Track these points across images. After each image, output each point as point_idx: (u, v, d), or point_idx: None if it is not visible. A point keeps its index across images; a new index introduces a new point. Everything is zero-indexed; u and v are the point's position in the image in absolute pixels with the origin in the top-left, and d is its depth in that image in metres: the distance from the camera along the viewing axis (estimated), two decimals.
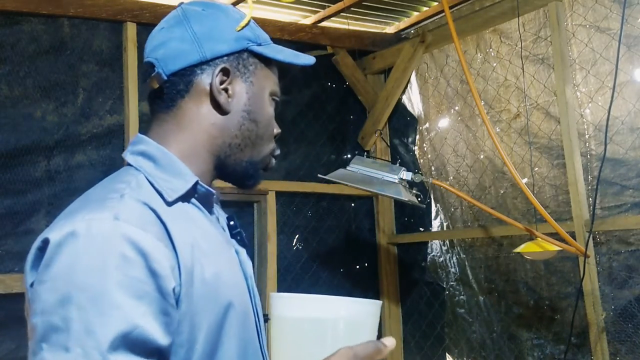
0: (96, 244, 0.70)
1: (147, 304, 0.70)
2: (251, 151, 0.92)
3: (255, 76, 0.92)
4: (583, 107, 2.28)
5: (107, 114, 2.31)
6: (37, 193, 2.12)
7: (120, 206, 0.75)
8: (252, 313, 0.89)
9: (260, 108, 0.92)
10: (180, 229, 0.78)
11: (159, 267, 0.71)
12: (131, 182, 0.81)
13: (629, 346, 2.09)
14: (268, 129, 0.94)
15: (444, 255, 2.79)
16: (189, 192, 0.84)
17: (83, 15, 2.27)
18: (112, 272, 0.69)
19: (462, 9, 2.66)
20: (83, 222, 0.72)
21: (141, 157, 0.86)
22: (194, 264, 0.77)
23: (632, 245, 2.11)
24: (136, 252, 0.71)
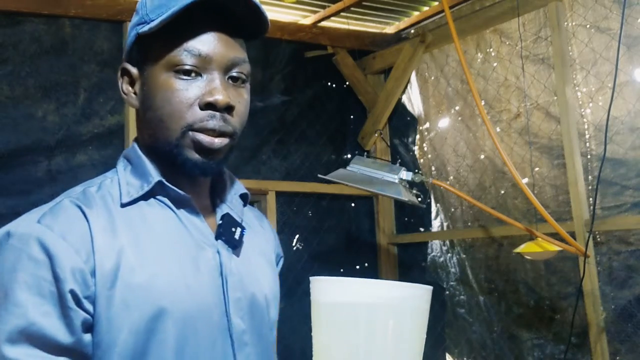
0: (15, 245, 0.76)
1: (51, 303, 0.74)
2: (161, 137, 0.85)
3: (147, 59, 0.85)
4: (583, 107, 2.29)
5: (108, 114, 2.31)
6: (39, 193, 2.12)
7: (52, 210, 0.80)
8: (220, 319, 0.85)
9: (152, 90, 0.84)
10: (114, 233, 0.80)
11: (60, 270, 0.75)
12: (93, 185, 0.87)
13: (628, 346, 2.09)
14: (164, 108, 0.83)
15: (444, 255, 2.80)
16: (153, 192, 0.86)
17: (84, 16, 2.27)
18: (20, 271, 0.75)
19: (462, 9, 2.67)
20: (16, 223, 0.79)
21: (123, 159, 0.92)
22: (120, 268, 0.78)
23: (632, 245, 2.11)
24: (44, 253, 0.75)
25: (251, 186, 2.61)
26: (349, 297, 0.84)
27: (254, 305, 0.91)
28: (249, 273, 0.92)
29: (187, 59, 0.82)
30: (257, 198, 2.69)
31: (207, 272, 0.86)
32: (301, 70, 2.92)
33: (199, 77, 0.83)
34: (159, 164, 0.88)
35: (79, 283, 0.76)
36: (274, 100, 2.80)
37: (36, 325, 0.73)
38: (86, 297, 0.76)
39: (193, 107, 0.83)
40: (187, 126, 0.83)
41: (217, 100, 0.82)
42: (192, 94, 0.83)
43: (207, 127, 0.83)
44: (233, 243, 0.90)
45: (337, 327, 0.84)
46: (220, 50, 0.84)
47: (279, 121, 2.82)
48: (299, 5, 2.66)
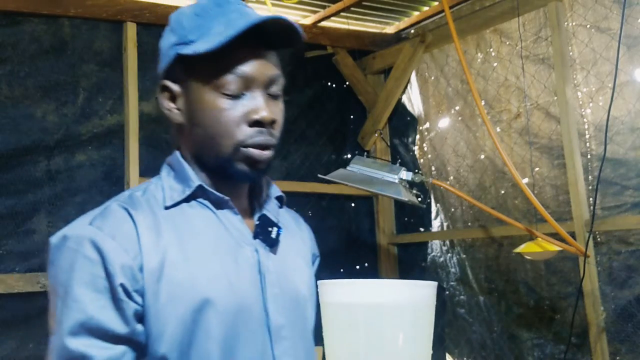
0: (71, 246, 0.84)
1: (106, 298, 0.82)
2: (213, 152, 0.91)
3: (192, 78, 0.90)
4: (583, 107, 2.29)
5: (107, 113, 2.31)
6: (38, 193, 2.12)
7: (102, 213, 0.88)
8: (259, 314, 0.90)
9: (200, 110, 0.90)
10: (159, 232, 0.87)
11: (111, 266, 0.82)
12: (139, 190, 0.94)
13: (628, 346, 2.09)
14: (215, 127, 0.89)
15: (444, 255, 2.80)
16: (195, 195, 0.93)
17: (83, 16, 2.27)
18: (77, 270, 0.82)
19: (462, 9, 2.66)
20: (70, 227, 0.87)
21: (167, 166, 0.98)
22: (165, 264, 0.85)
23: (632, 245, 2.11)
24: (97, 253, 0.82)
25: None
26: (356, 298, 0.85)
27: (291, 302, 0.95)
28: (286, 271, 0.97)
29: (233, 81, 0.88)
30: None
31: (247, 269, 0.91)
32: (301, 70, 2.92)
33: (243, 96, 0.90)
34: (202, 170, 0.94)
35: (128, 278, 0.82)
36: None
37: (94, 319, 0.81)
38: (136, 291, 0.83)
39: (241, 125, 0.89)
40: (238, 143, 0.89)
41: (264, 117, 0.89)
42: (239, 113, 0.89)
43: (257, 143, 0.90)
44: (270, 242, 0.96)
45: (347, 328, 0.85)
46: (261, 70, 0.90)
47: None
48: (299, 5, 2.66)
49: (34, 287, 2.02)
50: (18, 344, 2.00)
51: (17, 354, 2.00)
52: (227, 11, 0.90)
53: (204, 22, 0.89)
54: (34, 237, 2.09)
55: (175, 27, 0.93)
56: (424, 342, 0.85)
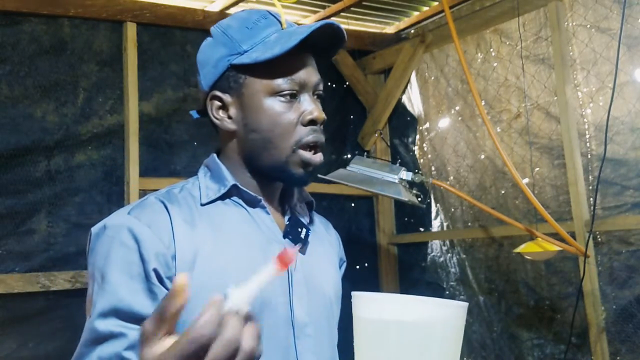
0: (109, 234, 0.89)
1: (139, 282, 0.85)
2: (269, 157, 0.96)
3: (246, 87, 0.95)
4: (583, 107, 2.28)
5: (107, 113, 2.31)
6: (38, 193, 2.11)
7: (139, 204, 0.93)
8: (284, 310, 0.93)
9: (256, 115, 0.95)
10: (194, 226, 0.91)
11: (145, 252, 0.86)
12: (177, 187, 0.98)
13: (629, 346, 2.09)
14: (274, 130, 0.94)
15: (444, 255, 2.79)
16: (228, 193, 0.97)
17: (83, 15, 2.27)
18: (113, 256, 0.86)
19: (462, 9, 2.66)
20: (111, 217, 0.92)
21: (204, 167, 1.03)
22: (197, 256, 0.89)
23: (633, 245, 2.11)
24: (133, 239, 0.86)
25: None
26: (386, 314, 0.85)
27: (317, 302, 0.98)
28: (313, 272, 1.00)
29: (288, 86, 0.94)
30: None
31: None
32: None
33: (295, 99, 0.96)
34: (248, 174, 0.99)
35: (161, 264, 0.86)
36: None
37: (125, 301, 0.84)
38: (168, 277, 0.86)
39: (297, 126, 0.95)
40: (295, 143, 0.95)
41: (317, 117, 0.96)
42: (295, 115, 0.95)
43: (312, 141, 0.96)
44: (299, 242, 0.99)
45: (375, 343, 0.85)
46: (310, 74, 0.98)
47: None
48: (299, 5, 2.66)
49: (33, 287, 2.02)
50: (18, 344, 2.00)
51: (17, 354, 2.00)
52: (274, 22, 0.97)
53: (256, 33, 0.94)
54: (34, 237, 2.08)
55: (222, 40, 0.96)
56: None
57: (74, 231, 2.15)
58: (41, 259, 2.08)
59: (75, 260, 2.14)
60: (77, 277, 2.10)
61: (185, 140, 2.47)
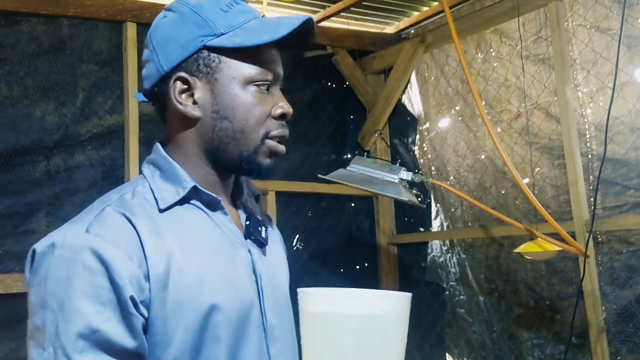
0: (66, 255, 0.78)
1: (111, 310, 0.76)
2: (237, 147, 0.90)
3: (220, 71, 0.89)
4: (584, 107, 2.28)
5: (106, 113, 2.31)
6: (37, 193, 2.11)
7: (97, 219, 0.81)
8: (256, 315, 0.89)
9: (230, 102, 0.89)
10: (160, 237, 0.83)
11: (118, 277, 0.77)
12: (127, 192, 0.88)
13: (629, 346, 2.09)
14: (248, 120, 0.89)
15: (444, 255, 2.79)
16: (187, 197, 0.89)
17: (83, 15, 2.27)
18: (77, 281, 0.76)
19: (462, 9, 2.66)
20: (61, 233, 0.80)
21: (151, 165, 0.93)
22: (170, 270, 0.81)
23: (633, 245, 2.11)
24: (99, 262, 0.77)
25: None
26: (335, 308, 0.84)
27: (281, 302, 0.96)
28: (274, 271, 0.97)
29: (265, 76, 0.91)
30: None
31: (243, 270, 0.90)
32: (301, 70, 2.91)
33: (268, 91, 0.92)
34: (202, 167, 0.92)
35: (135, 288, 0.78)
36: None
37: (100, 332, 0.75)
38: (142, 302, 0.79)
39: (269, 118, 0.92)
40: (264, 134, 0.91)
41: (288, 112, 0.94)
42: (268, 107, 0.92)
43: (280, 135, 0.94)
44: (261, 242, 0.95)
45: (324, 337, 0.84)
46: (280, 67, 0.94)
47: None
48: (299, 5, 2.66)
49: None
50: (17, 344, 2.00)
51: (16, 354, 2.00)
52: (247, 8, 0.92)
53: (232, 17, 0.89)
54: (33, 237, 2.08)
55: (194, 19, 0.88)
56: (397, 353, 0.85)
57: None
58: None
59: None
60: None
61: None
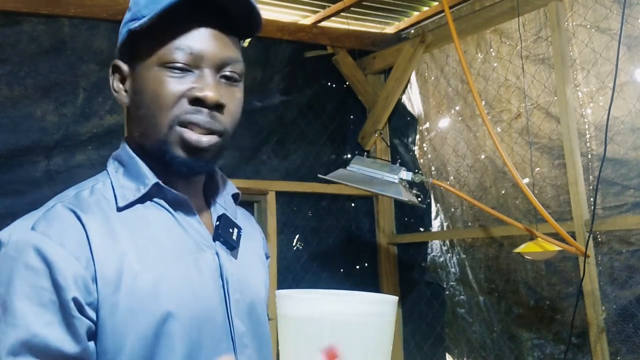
0: (9, 254, 0.74)
1: (53, 312, 0.72)
2: (151, 134, 0.83)
3: (140, 55, 0.84)
4: (584, 107, 2.28)
5: (107, 114, 2.31)
6: (37, 193, 2.11)
7: (45, 216, 0.78)
8: (221, 322, 0.84)
9: (142, 86, 0.83)
10: (113, 237, 0.78)
11: (61, 278, 0.73)
12: (85, 189, 0.84)
13: (629, 346, 2.09)
14: (155, 103, 0.81)
15: (444, 255, 2.79)
16: (150, 195, 0.84)
17: (83, 16, 2.27)
18: (18, 282, 0.72)
19: (462, 9, 2.66)
20: (8, 230, 0.77)
21: (116, 162, 0.89)
22: (122, 274, 0.77)
23: (633, 245, 2.11)
24: (42, 262, 0.73)
25: (251, 186, 2.61)
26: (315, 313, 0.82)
27: (251, 307, 0.90)
28: (246, 274, 0.91)
29: (178, 56, 0.81)
30: (257, 198, 2.69)
31: (209, 274, 0.85)
32: (301, 70, 2.91)
33: (189, 73, 0.82)
34: (152, 164, 0.86)
35: (80, 290, 0.74)
36: (273, 100, 2.80)
37: (39, 337, 0.71)
38: (88, 304, 0.75)
39: (181, 100, 0.81)
40: (174, 119, 0.81)
41: (207, 96, 0.80)
42: (181, 88, 0.81)
43: (193, 121, 0.81)
44: (231, 244, 0.89)
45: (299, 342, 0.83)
46: (213, 49, 0.82)
47: (278, 121, 2.81)
48: (299, 5, 2.66)
49: None
50: None
51: None
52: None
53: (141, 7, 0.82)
54: None
55: (131, 4, 0.85)
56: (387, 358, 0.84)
57: None
58: None
59: None
60: None
61: None
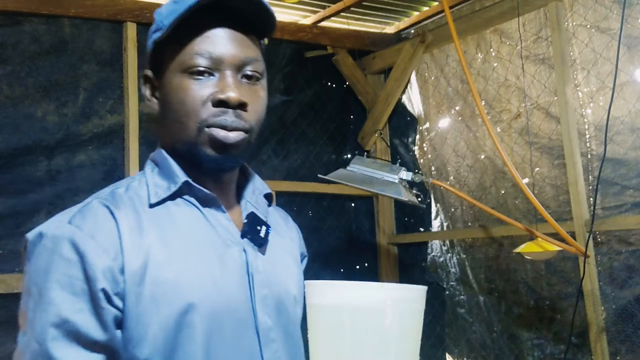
0: (47, 245, 0.80)
1: (84, 301, 0.78)
2: (180, 137, 0.88)
3: (165, 65, 0.89)
4: (583, 107, 2.29)
5: (107, 113, 2.31)
6: (39, 193, 2.12)
7: (81, 210, 0.83)
8: (246, 316, 0.87)
9: (168, 94, 0.88)
10: (142, 231, 0.83)
11: (91, 269, 0.78)
12: (121, 187, 0.89)
13: (629, 346, 2.09)
14: (182, 109, 0.86)
15: (444, 255, 2.80)
16: (180, 192, 0.89)
17: (84, 16, 2.27)
18: (54, 271, 0.78)
19: (462, 9, 2.66)
20: (48, 224, 0.83)
21: (151, 162, 0.94)
22: (148, 266, 0.81)
23: (633, 245, 2.11)
24: (75, 253, 0.78)
25: None
26: (344, 300, 0.82)
27: (280, 303, 0.92)
28: (275, 271, 0.94)
29: (198, 61, 0.85)
30: None
31: (234, 270, 0.88)
32: (301, 70, 2.92)
33: (211, 77, 0.86)
34: (184, 165, 0.90)
35: (109, 281, 0.78)
36: (274, 100, 2.80)
37: (70, 322, 0.76)
38: (116, 294, 0.79)
39: (206, 104, 0.85)
40: (201, 122, 0.85)
41: (229, 97, 0.85)
42: (205, 92, 0.85)
43: (220, 123, 0.85)
44: (258, 241, 0.92)
45: (332, 330, 0.83)
46: (232, 50, 0.87)
47: (279, 121, 2.82)
48: (299, 5, 2.66)
49: None
50: None
51: None
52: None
53: (179, 7, 0.85)
54: None
55: (155, 16, 0.91)
56: (410, 347, 0.83)
57: None
58: None
59: None
60: None
61: None
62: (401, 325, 0.79)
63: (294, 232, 1.10)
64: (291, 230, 1.09)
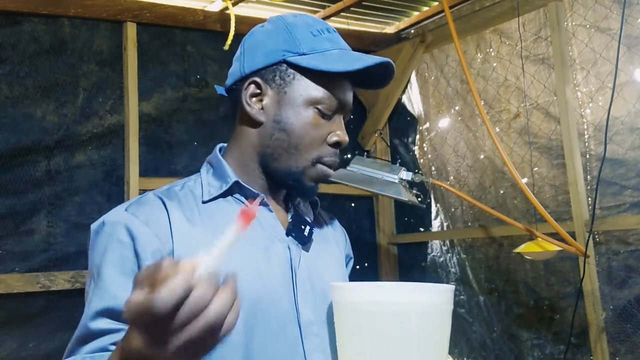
0: (106, 230, 0.89)
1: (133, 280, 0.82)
2: (287, 161, 0.96)
3: (291, 86, 0.95)
4: (583, 107, 2.29)
5: (107, 113, 2.31)
6: (38, 193, 2.12)
7: (137, 201, 0.93)
8: (288, 310, 0.92)
9: (292, 117, 0.95)
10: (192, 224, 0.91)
11: (141, 249, 0.86)
12: (178, 185, 0.98)
13: (628, 346, 2.09)
14: (304, 139, 0.95)
15: (444, 255, 2.80)
16: (231, 191, 0.97)
17: (83, 15, 2.27)
18: (110, 252, 0.86)
19: (462, 9, 2.66)
20: (108, 214, 0.92)
21: (207, 164, 1.03)
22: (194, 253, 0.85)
23: (632, 245, 2.11)
24: (129, 236, 0.86)
25: None
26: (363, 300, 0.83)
27: (323, 300, 0.97)
28: (318, 270, 1.00)
29: (330, 103, 0.96)
30: None
31: (278, 264, 0.94)
32: None
33: (330, 117, 0.98)
34: (247, 167, 0.99)
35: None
36: None
37: (118, 299, 0.82)
38: None
39: (324, 143, 0.97)
40: (317, 158, 0.97)
41: (343, 141, 0.99)
42: (325, 132, 0.97)
43: (331, 162, 0.98)
44: (302, 240, 0.99)
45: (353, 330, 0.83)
46: (349, 99, 1.00)
47: None
48: (299, 5, 2.66)
49: (33, 287, 2.02)
50: (18, 344, 2.00)
51: (17, 354, 2.00)
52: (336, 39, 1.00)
53: (319, 42, 0.96)
54: (34, 237, 2.08)
55: (284, 34, 0.97)
56: (436, 349, 0.83)
57: (73, 231, 2.15)
58: (41, 259, 2.08)
59: (75, 260, 2.14)
60: (77, 277, 2.10)
61: (185, 140, 2.47)
62: (426, 327, 0.79)
63: (339, 234, 1.18)
64: (337, 232, 1.17)
